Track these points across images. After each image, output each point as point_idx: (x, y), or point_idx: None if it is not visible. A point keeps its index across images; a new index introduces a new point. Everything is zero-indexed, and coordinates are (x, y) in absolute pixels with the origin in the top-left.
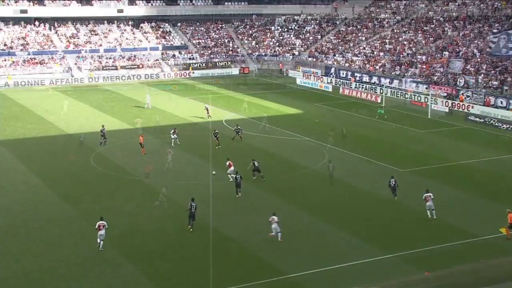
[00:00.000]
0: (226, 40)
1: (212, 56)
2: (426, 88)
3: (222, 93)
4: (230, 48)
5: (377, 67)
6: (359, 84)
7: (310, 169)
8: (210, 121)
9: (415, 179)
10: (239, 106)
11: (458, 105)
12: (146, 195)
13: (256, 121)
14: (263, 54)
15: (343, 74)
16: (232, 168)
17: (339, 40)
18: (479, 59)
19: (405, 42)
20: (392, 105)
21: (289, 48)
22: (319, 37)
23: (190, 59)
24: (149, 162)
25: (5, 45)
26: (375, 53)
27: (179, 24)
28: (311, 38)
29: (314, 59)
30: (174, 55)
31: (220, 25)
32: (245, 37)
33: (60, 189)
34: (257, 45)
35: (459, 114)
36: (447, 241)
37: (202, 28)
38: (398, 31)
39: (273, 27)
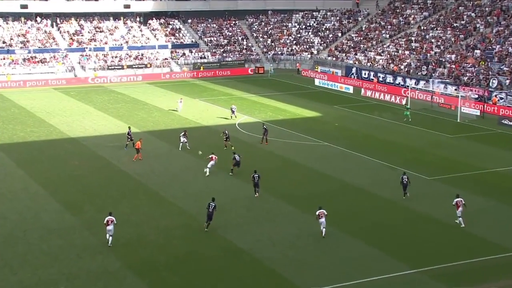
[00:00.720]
0: (239, 38)
1: (224, 55)
2: (455, 89)
3: (235, 95)
4: (244, 47)
5: (402, 67)
6: (382, 85)
7: (330, 176)
8: (224, 124)
9: (443, 187)
10: (253, 109)
11: (491, 108)
12: (153, 203)
13: (270, 124)
14: (279, 53)
15: (365, 74)
16: (212, 162)
17: (361, 38)
18: None
19: (433, 40)
20: (418, 108)
21: (307, 47)
22: (340, 34)
23: (201, 58)
24: (154, 166)
25: (4, 42)
26: (400, 51)
27: (189, 20)
28: (330, 35)
29: (334, 58)
30: (184, 54)
31: (234, 22)
32: (260, 35)
33: (62, 197)
34: (272, 43)
35: (491, 118)
36: (477, 256)
37: (214, 25)
38: (425, 28)
39: (290, 24)
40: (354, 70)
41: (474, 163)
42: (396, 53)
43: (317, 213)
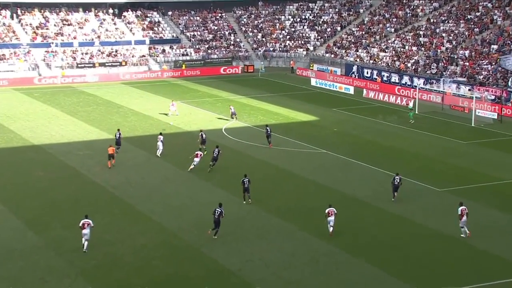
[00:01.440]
0: (226, 33)
1: (209, 51)
2: (470, 90)
3: (221, 96)
4: (232, 42)
5: (409, 65)
6: (387, 85)
7: (328, 188)
8: (209, 128)
9: (455, 200)
10: (242, 112)
11: (510, 110)
12: (129, 219)
13: (258, 128)
14: (271, 49)
15: (367, 73)
16: (197, 159)
17: (363, 32)
18: None
19: (444, 34)
20: (428, 111)
21: (302, 42)
22: (339, 28)
23: (183, 55)
24: (131, 177)
25: None
26: (406, 47)
27: (170, 13)
28: (328, 30)
29: (333, 56)
30: (164, 51)
31: (220, 14)
32: (250, 29)
33: (24, 213)
34: (263, 39)
35: (510, 122)
36: (495, 277)
37: (198, 18)
38: (435, 20)
39: (283, 17)
40: (355, 68)
41: (490, 173)
42: (402, 49)
43: (326, 211)
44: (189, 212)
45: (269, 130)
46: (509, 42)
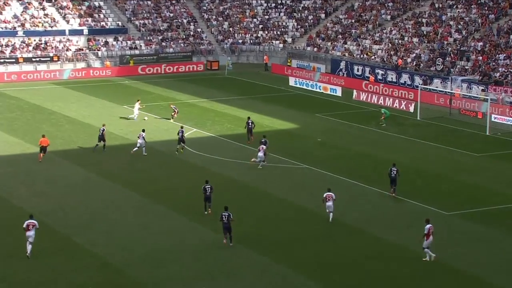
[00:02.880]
0: (185, 21)
1: (164, 44)
2: (483, 90)
3: (179, 99)
4: (191, 33)
5: (409, 60)
6: (382, 85)
7: (311, 211)
8: (166, 139)
9: (466, 226)
10: (205, 119)
11: None
12: (63, 253)
13: (224, 139)
14: (240, 41)
15: (357, 70)
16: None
17: (352, 21)
18: None
19: (451, 23)
20: (432, 116)
21: (279, 33)
22: (323, 16)
23: (131, 48)
24: (65, 201)
25: None
26: (406, 39)
27: None
28: (310, 17)
29: (316, 49)
30: (106, 43)
31: None
32: (213, 17)
33: None
34: (231, 29)
35: None
36: None
37: (149, 3)
38: (440, 5)
39: (254, 2)
40: (342, 64)
41: (510, 192)
42: (400, 41)
43: (324, 195)
44: (139, 244)
45: (265, 141)
46: None
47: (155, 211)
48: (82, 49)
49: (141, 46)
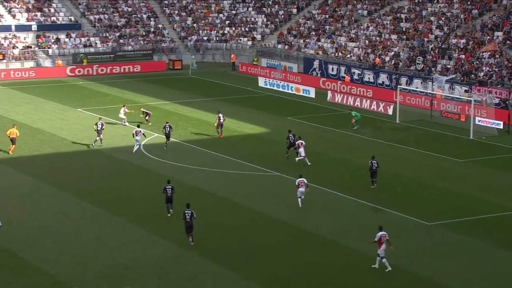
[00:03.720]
0: (144, 16)
1: (122, 41)
2: (467, 91)
3: (139, 102)
4: (152, 29)
5: (387, 59)
6: (358, 86)
7: (283, 223)
8: (123, 146)
9: (450, 237)
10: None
11: None
12: (9, 270)
13: (188, 144)
14: (205, 39)
15: (332, 70)
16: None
17: (326, 16)
18: None
19: (432, 18)
20: (411, 119)
21: (247, 30)
22: (294, 11)
23: (85, 46)
24: (13, 215)
25: None
26: (383, 36)
27: None
28: (281, 12)
29: (287, 47)
30: (58, 40)
31: None
32: (176, 12)
33: None
34: (195, 25)
35: None
36: None
37: None
38: (420, 0)
39: None
40: (316, 64)
41: (495, 201)
42: (378, 39)
43: (296, 182)
44: (95, 260)
45: (292, 137)
46: None
47: (112, 223)
48: (31, 47)
49: (96, 43)
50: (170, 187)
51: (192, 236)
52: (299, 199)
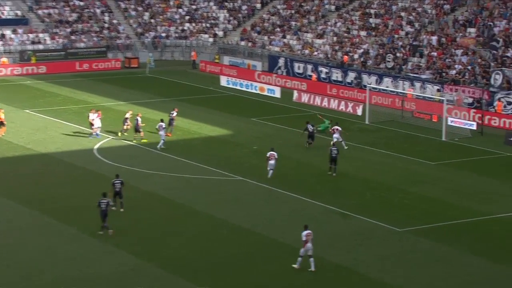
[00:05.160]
0: (98, 11)
1: (73, 38)
2: (439, 90)
3: (92, 102)
4: (106, 25)
5: (356, 56)
6: (325, 85)
7: (247, 230)
8: (78, 149)
9: (422, 244)
10: (122, 125)
11: (493, 118)
12: None
13: (146, 147)
14: (163, 35)
15: (298, 68)
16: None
17: (292, 11)
18: None
19: (403, 14)
20: (382, 120)
21: (208, 26)
22: (258, 5)
23: (33, 42)
24: None
25: None
26: (352, 32)
27: None
28: (244, 8)
29: (251, 44)
30: (3, 36)
31: None
32: (132, 6)
33: None
34: (152, 20)
35: (494, 134)
36: None
37: None
38: None
39: None
40: (281, 62)
41: (470, 205)
42: (346, 35)
43: (267, 154)
44: (44, 272)
45: (312, 127)
46: (491, 23)
47: (62, 233)
48: None
49: (45, 40)
50: (119, 181)
51: (107, 225)
52: (270, 171)
